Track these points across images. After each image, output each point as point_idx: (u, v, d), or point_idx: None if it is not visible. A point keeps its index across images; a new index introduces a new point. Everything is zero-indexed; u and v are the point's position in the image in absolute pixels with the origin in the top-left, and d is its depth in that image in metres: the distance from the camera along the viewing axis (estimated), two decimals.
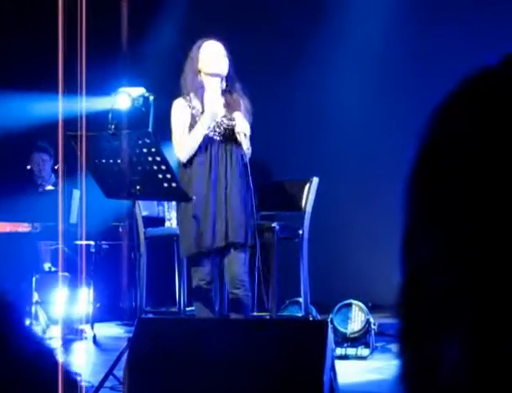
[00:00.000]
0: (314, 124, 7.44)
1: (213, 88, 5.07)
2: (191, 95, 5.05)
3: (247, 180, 5.01)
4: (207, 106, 4.98)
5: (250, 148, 5.03)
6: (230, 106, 5.04)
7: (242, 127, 4.96)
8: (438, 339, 0.72)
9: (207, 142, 4.99)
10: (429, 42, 6.93)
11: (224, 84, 5.10)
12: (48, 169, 8.05)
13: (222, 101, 5.08)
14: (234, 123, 4.97)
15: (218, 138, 5.00)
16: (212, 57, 5.05)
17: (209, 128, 4.98)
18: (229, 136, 4.99)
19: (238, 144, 4.98)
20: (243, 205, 4.95)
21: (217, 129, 5.00)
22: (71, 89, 4.21)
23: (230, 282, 5.02)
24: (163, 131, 5.16)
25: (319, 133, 7.40)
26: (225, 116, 5.02)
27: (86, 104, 5.02)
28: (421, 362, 0.75)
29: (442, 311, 0.72)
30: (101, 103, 6.78)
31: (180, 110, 5.06)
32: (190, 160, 5.01)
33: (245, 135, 4.95)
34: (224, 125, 5.00)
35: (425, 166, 0.77)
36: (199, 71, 5.06)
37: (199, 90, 5.03)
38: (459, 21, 6.81)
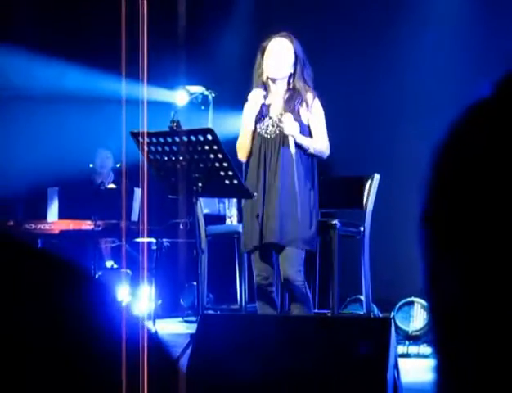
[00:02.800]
0: (376, 119, 7.37)
1: (275, 90, 4.95)
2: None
3: (305, 181, 4.87)
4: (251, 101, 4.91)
5: (318, 147, 4.87)
6: (289, 104, 4.89)
7: (289, 129, 4.79)
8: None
9: (260, 141, 4.90)
10: (503, 42, 6.79)
11: (286, 84, 4.94)
12: (109, 167, 8.15)
13: (281, 99, 4.94)
14: (282, 125, 4.83)
15: (269, 137, 4.87)
16: (267, 60, 4.91)
17: (263, 126, 4.91)
18: (283, 136, 4.85)
19: (295, 144, 4.82)
20: (295, 208, 4.77)
21: (271, 128, 4.88)
22: (132, 76, 4.20)
23: (283, 281, 4.94)
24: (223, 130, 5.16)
25: (381, 129, 7.33)
26: (281, 115, 4.87)
27: (147, 94, 5.03)
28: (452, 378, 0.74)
29: (471, 341, 0.70)
30: (159, 95, 6.84)
31: (245, 108, 5.01)
32: (248, 161, 4.99)
33: (294, 138, 4.78)
34: (277, 124, 4.86)
35: (442, 197, 0.74)
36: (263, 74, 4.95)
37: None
38: None
